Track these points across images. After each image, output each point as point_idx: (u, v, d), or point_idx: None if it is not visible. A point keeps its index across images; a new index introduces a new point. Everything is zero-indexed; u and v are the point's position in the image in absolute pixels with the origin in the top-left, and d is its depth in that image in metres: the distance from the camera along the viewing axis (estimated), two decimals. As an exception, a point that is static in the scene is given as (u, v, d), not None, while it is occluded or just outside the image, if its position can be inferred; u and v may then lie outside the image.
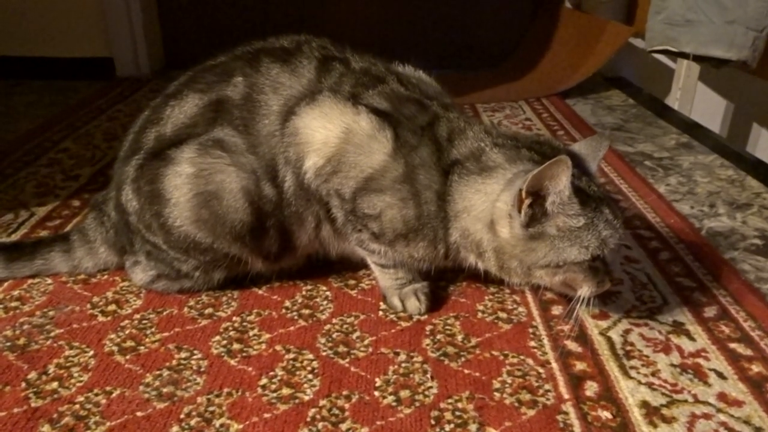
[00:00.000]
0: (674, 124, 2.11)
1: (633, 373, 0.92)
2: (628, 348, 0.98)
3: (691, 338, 1.00)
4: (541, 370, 0.93)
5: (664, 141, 1.96)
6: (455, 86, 2.43)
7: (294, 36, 1.07)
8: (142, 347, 0.96)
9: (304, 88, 0.99)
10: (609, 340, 1.00)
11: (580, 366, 0.94)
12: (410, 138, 0.95)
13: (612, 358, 0.95)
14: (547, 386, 0.89)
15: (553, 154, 0.87)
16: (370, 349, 0.96)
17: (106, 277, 1.14)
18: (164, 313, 1.04)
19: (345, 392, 0.87)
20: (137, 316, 1.03)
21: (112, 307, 1.05)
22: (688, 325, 1.04)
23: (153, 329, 1.00)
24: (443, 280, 1.14)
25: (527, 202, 0.87)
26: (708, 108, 2.36)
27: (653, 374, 0.92)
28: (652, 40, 1.72)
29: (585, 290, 0.92)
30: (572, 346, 0.98)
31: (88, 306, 1.06)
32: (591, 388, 0.89)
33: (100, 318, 1.03)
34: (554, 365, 0.94)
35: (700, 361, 0.95)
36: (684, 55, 1.67)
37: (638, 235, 1.34)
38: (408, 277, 1.07)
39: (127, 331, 0.99)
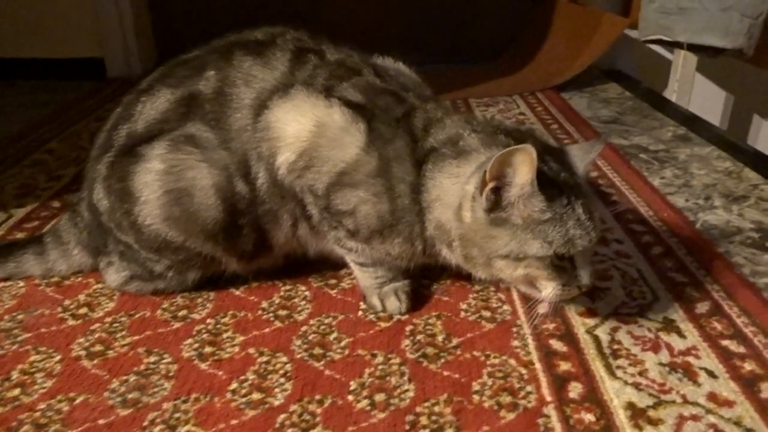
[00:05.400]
0: (672, 116, 2.07)
1: (619, 373, 0.89)
2: (616, 347, 0.94)
3: (682, 335, 0.97)
4: (523, 371, 0.89)
5: (660, 133, 1.92)
6: (449, 81, 2.44)
7: (269, 28, 1.04)
8: (110, 351, 0.93)
9: (277, 80, 0.96)
10: (596, 338, 0.96)
11: (564, 366, 0.90)
12: (384, 130, 0.91)
13: (598, 358, 0.92)
14: (529, 388, 0.86)
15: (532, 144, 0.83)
16: (347, 351, 0.93)
17: (80, 279, 1.11)
18: (136, 316, 1.01)
19: (318, 396, 0.84)
20: (108, 319, 1.00)
21: (83, 310, 1.02)
22: (678, 321, 1.00)
23: (123, 333, 0.97)
24: (426, 278, 1.10)
25: (490, 185, 0.83)
26: (707, 100, 2.31)
27: (640, 374, 0.88)
28: (645, 30, 1.68)
29: (549, 291, 0.88)
30: (557, 345, 0.95)
31: (59, 309, 1.03)
32: (575, 390, 0.85)
33: (70, 322, 1.00)
34: (537, 366, 0.90)
35: (690, 359, 0.91)
36: (678, 45, 1.62)
37: (630, 229, 1.30)
38: (388, 276, 1.03)
39: (96, 335, 0.96)
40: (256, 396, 0.84)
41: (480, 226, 0.86)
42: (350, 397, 0.84)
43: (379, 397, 0.84)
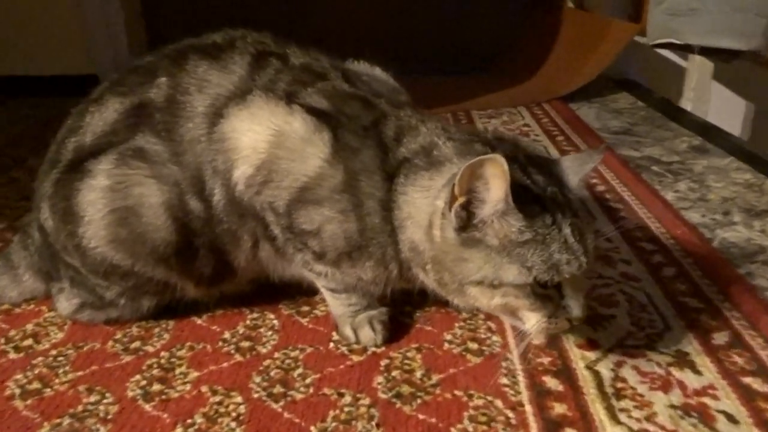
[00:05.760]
0: (687, 126, 1.94)
1: (623, 417, 0.77)
2: (620, 385, 0.82)
3: (697, 371, 0.84)
4: (510, 415, 0.77)
5: (674, 144, 1.80)
6: (447, 92, 2.34)
7: (230, 30, 0.95)
8: (48, 390, 0.83)
9: (235, 86, 0.86)
10: (597, 375, 0.84)
11: (559, 409, 0.78)
12: (351, 140, 0.81)
13: (599, 398, 0.80)
14: (516, 435, 0.74)
15: (512, 153, 0.73)
16: (311, 390, 0.82)
17: (32, 306, 1.02)
18: (85, 348, 0.91)
19: (271, 445, 0.73)
20: (54, 351, 0.91)
21: (28, 342, 0.93)
22: (693, 355, 0.88)
23: (67, 368, 0.87)
24: (409, 304, 0.99)
25: (460, 201, 0.72)
26: (725, 109, 2.18)
27: (648, 418, 0.76)
28: (653, 33, 1.57)
29: (533, 323, 0.77)
30: (552, 383, 0.83)
31: (2, 341, 0.93)
32: (570, 437, 0.74)
33: (12, 355, 0.90)
34: (527, 408, 0.78)
35: (707, 400, 0.79)
36: (689, 48, 1.51)
37: (640, 248, 1.18)
38: (363, 303, 0.92)
39: (36, 371, 0.87)
40: (201, 444, 0.73)
41: (450, 248, 0.75)
42: (309, 446, 0.73)
43: (342, 446, 0.73)
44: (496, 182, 0.70)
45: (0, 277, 1.01)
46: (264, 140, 0.82)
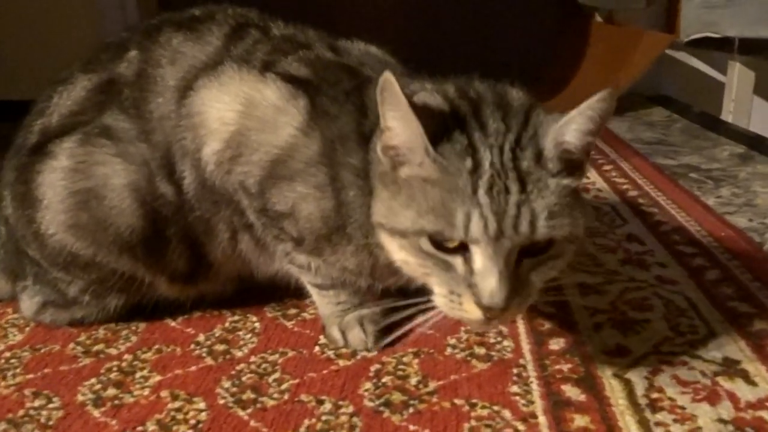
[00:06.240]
0: (729, 136, 1.80)
1: (659, 431, 0.62)
2: (655, 395, 0.68)
3: (750, 381, 0.70)
4: (520, 427, 0.64)
5: (714, 153, 1.65)
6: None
7: (213, 5, 0.87)
8: (-10, 393, 0.73)
9: (208, 58, 0.78)
10: (627, 384, 0.70)
11: (580, 421, 0.64)
12: (330, 106, 0.71)
13: (629, 410, 0.66)
14: (526, 451, 0.61)
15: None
16: (286, 396, 0.70)
17: (-2, 309, 0.93)
18: (42, 351, 0.81)
19: (229, 457, 0.61)
20: (7, 354, 0.81)
21: (-18, 344, 0.84)
22: (745, 363, 0.73)
23: (17, 370, 0.77)
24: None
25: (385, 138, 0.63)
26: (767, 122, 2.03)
27: (691, 434, 0.62)
28: (688, 29, 1.46)
29: (437, 296, 0.63)
30: (572, 392, 0.69)
31: (-45, 343, 0.85)
32: (593, 455, 0.60)
33: (-39, 357, 0.81)
34: (541, 419, 0.65)
35: (764, 414, 0.64)
36: (727, 45, 1.38)
37: (677, 251, 1.04)
38: (353, 302, 0.81)
39: (-17, 373, 0.77)
40: (148, 454, 0.62)
41: (378, 185, 0.66)
42: (274, 459, 0.61)
43: (313, 460, 0.60)
44: (390, 102, 0.60)
45: (-36, 277, 0.93)
46: (232, 110, 0.72)
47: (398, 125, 0.61)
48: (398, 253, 0.64)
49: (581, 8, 2.50)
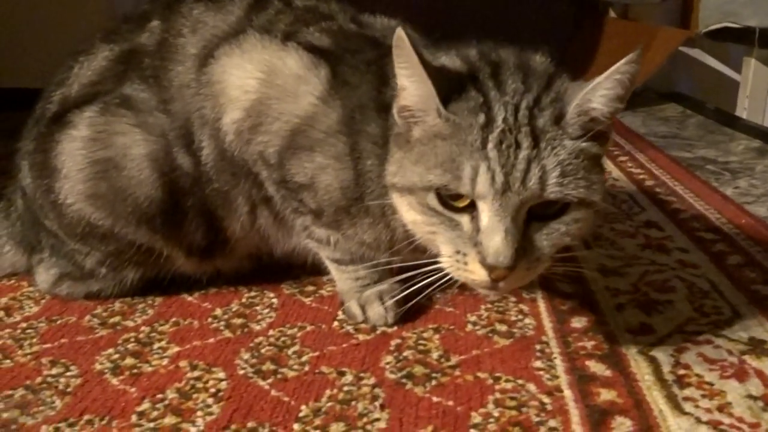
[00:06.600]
0: (745, 131, 1.78)
1: (688, 406, 0.61)
2: (682, 372, 0.67)
3: (779, 361, 0.69)
4: (546, 400, 0.63)
5: (730, 147, 1.64)
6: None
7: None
8: (7, 361, 0.72)
9: (230, 27, 0.77)
10: (653, 361, 0.69)
11: (606, 395, 0.63)
12: (351, 76, 0.70)
13: (656, 386, 0.65)
14: (552, 423, 0.60)
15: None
16: (307, 368, 0.69)
17: (12, 281, 0.92)
18: (58, 322, 0.81)
19: (251, 424, 0.60)
20: (23, 324, 0.80)
21: (-2, 315, 0.83)
22: (772, 343, 0.72)
23: (34, 340, 0.76)
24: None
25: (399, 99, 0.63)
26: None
27: (720, 409, 0.61)
28: (707, 19, 1.45)
29: (443, 258, 0.61)
30: (597, 367, 0.68)
31: (-29, 313, 0.84)
32: (622, 428, 0.59)
33: (-23, 327, 0.81)
34: (567, 393, 0.64)
35: (795, 391, 0.63)
36: (747, 37, 1.37)
37: (698, 237, 1.02)
38: (372, 277, 0.80)
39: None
40: (168, 421, 0.61)
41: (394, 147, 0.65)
42: (296, 427, 0.60)
43: (336, 429, 0.59)
44: (403, 56, 0.59)
45: (-21, 249, 0.92)
46: (253, 78, 0.72)
47: (410, 84, 0.60)
48: (407, 213, 0.63)
49: (596, 3, 2.49)
